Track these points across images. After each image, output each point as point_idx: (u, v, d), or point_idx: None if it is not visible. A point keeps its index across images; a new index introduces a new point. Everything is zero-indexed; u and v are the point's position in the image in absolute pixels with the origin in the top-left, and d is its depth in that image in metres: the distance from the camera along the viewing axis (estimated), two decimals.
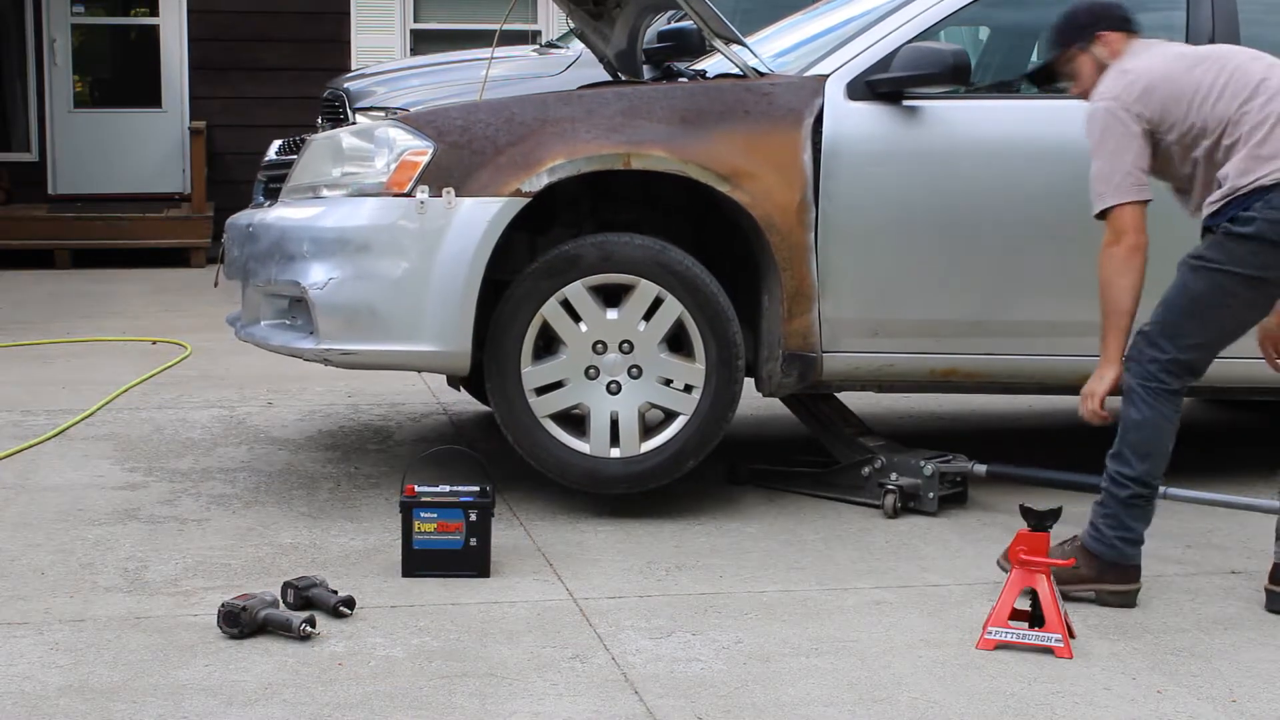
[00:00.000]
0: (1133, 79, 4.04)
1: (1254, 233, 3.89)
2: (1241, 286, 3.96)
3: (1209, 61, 4.05)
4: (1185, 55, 4.11)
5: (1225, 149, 3.96)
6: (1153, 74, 4.03)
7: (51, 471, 5.28)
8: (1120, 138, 4.01)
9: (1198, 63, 4.05)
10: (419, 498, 4.18)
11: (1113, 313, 4.02)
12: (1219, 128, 3.97)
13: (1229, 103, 3.96)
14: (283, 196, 5.05)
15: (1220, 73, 4.00)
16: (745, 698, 3.40)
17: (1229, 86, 3.98)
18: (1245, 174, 3.90)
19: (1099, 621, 3.94)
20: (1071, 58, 4.26)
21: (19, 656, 3.56)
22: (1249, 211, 3.89)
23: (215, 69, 12.51)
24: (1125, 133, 4.01)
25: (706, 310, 4.69)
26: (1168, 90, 4.00)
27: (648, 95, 4.84)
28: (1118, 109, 4.02)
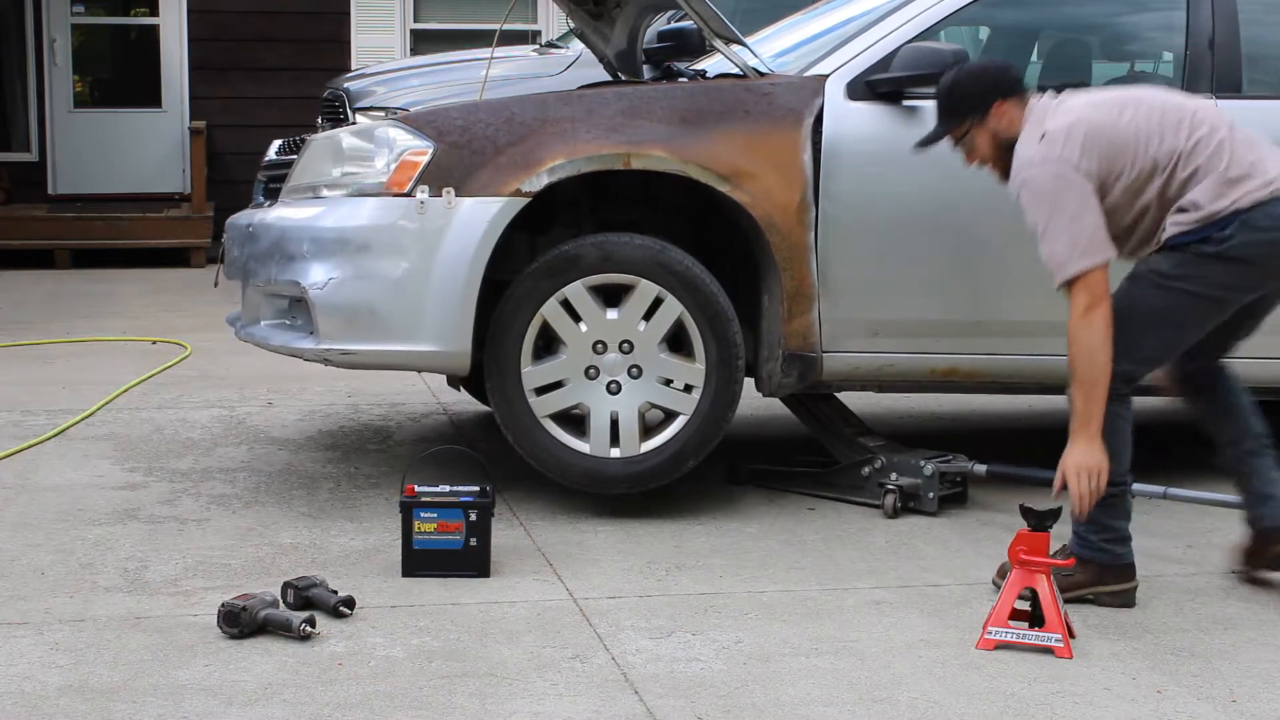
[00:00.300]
0: (1068, 137, 3.88)
1: (1232, 253, 3.87)
2: (1205, 305, 3.96)
3: (1132, 105, 3.96)
4: (1106, 103, 3.98)
5: (1182, 181, 3.90)
6: (1087, 128, 3.90)
7: (51, 471, 5.28)
8: (1079, 199, 3.85)
9: (1123, 108, 3.95)
10: (419, 498, 4.18)
11: (1099, 381, 3.85)
12: (1170, 163, 3.90)
13: (1175, 137, 3.90)
14: (283, 196, 5.05)
15: (1150, 112, 3.95)
16: (745, 698, 3.40)
17: (1165, 123, 3.93)
18: (1220, 198, 3.87)
19: (1099, 621, 3.94)
20: (966, 131, 4.14)
21: (19, 656, 3.56)
22: (1225, 231, 3.87)
23: (215, 69, 12.51)
24: (1081, 192, 3.86)
25: (706, 310, 4.69)
26: (1108, 140, 3.90)
27: (648, 95, 4.84)
28: (1066, 170, 3.86)
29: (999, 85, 4.08)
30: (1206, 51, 5.09)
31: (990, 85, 4.09)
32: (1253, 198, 3.86)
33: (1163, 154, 3.91)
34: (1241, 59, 5.10)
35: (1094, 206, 3.86)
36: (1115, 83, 5.62)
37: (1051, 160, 3.88)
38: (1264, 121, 5.03)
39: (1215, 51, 5.09)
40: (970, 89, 4.11)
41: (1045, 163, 3.89)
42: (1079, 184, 3.86)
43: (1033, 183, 3.90)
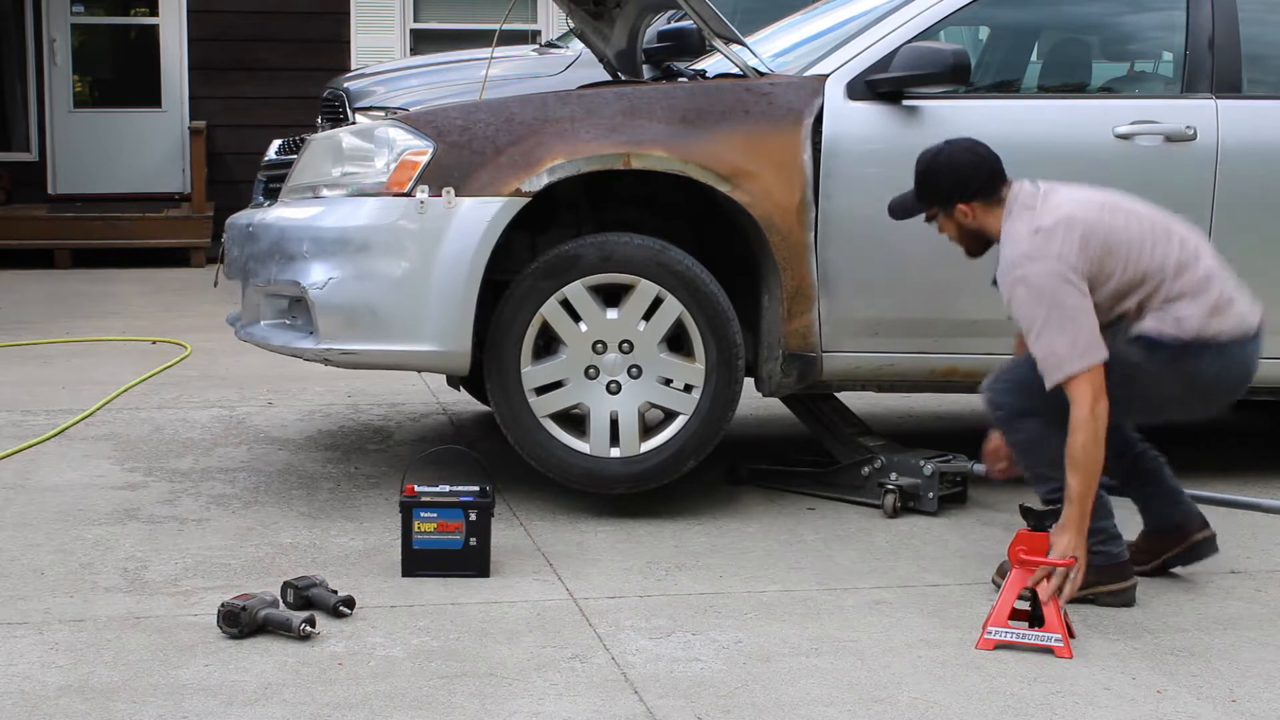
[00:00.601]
0: (1066, 235, 3.90)
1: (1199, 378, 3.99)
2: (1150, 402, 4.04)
3: (1122, 211, 4.01)
4: (1097, 204, 4.00)
5: (1167, 297, 3.96)
6: (1084, 228, 3.92)
7: (51, 471, 5.28)
8: (1076, 298, 3.88)
9: (1114, 211, 3.99)
10: (419, 498, 4.18)
11: (1097, 472, 3.88)
12: (1159, 276, 3.96)
13: (1166, 251, 3.96)
14: (283, 196, 5.04)
15: (1140, 220, 4.00)
16: (745, 698, 3.40)
17: (1156, 234, 3.99)
18: (1207, 327, 3.95)
19: (1099, 621, 3.94)
20: (933, 214, 4.23)
21: (19, 656, 3.56)
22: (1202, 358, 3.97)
23: (215, 69, 12.51)
24: (1077, 292, 3.88)
25: (706, 310, 4.69)
26: (1103, 242, 3.93)
27: (648, 95, 4.84)
28: (1065, 270, 3.87)
29: (967, 186, 4.11)
30: (1206, 51, 5.10)
31: (959, 184, 4.12)
32: (1230, 335, 3.97)
33: (1154, 266, 3.96)
34: (1241, 59, 5.11)
35: (1089, 306, 3.89)
36: (1115, 82, 5.64)
37: (1050, 258, 3.89)
38: (1264, 121, 5.06)
39: (1215, 51, 5.09)
40: (939, 183, 4.16)
41: (1044, 259, 3.89)
42: (1076, 283, 3.88)
43: (1030, 280, 3.90)
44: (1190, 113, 5.01)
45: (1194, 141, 4.97)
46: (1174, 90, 5.18)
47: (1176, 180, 4.97)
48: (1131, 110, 5.02)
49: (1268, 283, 5.07)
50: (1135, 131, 4.95)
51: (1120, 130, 4.94)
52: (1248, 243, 5.02)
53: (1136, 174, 4.94)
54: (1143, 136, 4.95)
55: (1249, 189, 5.00)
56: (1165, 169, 4.96)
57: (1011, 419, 4.08)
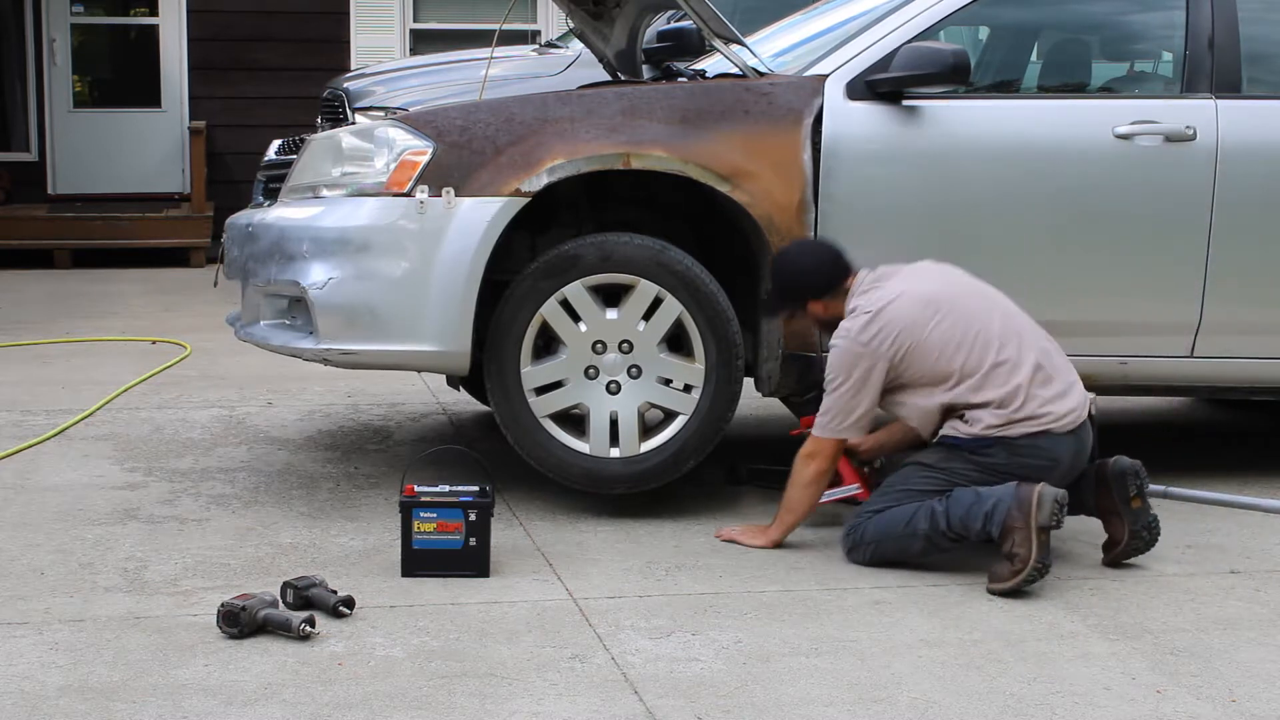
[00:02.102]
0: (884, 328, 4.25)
1: (991, 462, 4.24)
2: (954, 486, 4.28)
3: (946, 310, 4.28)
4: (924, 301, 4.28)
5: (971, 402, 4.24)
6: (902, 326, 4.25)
7: (51, 471, 5.28)
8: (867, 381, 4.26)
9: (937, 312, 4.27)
10: (419, 497, 4.18)
11: (797, 511, 4.45)
12: (962, 380, 4.25)
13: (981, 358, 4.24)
14: (282, 196, 5.04)
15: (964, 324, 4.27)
16: (745, 698, 3.40)
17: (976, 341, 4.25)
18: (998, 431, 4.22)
19: (1099, 621, 3.94)
20: (790, 314, 4.62)
21: (19, 656, 3.56)
22: (990, 450, 4.24)
23: (215, 69, 12.51)
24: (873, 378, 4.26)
25: (706, 310, 4.69)
26: (915, 343, 4.25)
27: (648, 95, 4.84)
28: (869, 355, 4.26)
29: (813, 287, 4.44)
30: (1206, 51, 5.10)
31: (806, 288, 4.45)
32: (1024, 429, 4.23)
33: (967, 369, 4.25)
34: (1241, 59, 5.11)
35: (873, 394, 4.29)
36: (1115, 82, 5.64)
37: (862, 343, 4.26)
38: (1264, 121, 5.06)
39: (1215, 51, 5.09)
40: (788, 288, 4.50)
41: (858, 341, 4.27)
42: (876, 371, 4.26)
43: (840, 350, 4.30)
44: (1190, 113, 5.01)
45: (1194, 141, 4.97)
46: (1174, 90, 5.18)
47: (1176, 180, 4.97)
48: (1131, 110, 5.02)
49: (1268, 282, 5.09)
50: (1135, 131, 4.95)
51: (1120, 130, 4.94)
52: (1248, 243, 5.03)
53: (1136, 174, 4.95)
54: (1142, 136, 4.95)
55: (1249, 189, 5.00)
56: (1165, 169, 4.96)
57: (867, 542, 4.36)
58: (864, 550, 4.33)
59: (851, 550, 4.37)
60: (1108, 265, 4.95)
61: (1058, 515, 4.07)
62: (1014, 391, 4.23)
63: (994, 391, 4.23)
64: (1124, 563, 4.37)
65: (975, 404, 4.24)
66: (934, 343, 4.25)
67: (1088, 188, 4.92)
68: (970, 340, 4.26)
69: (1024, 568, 4.06)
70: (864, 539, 4.32)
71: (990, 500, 4.15)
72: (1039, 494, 4.07)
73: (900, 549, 4.29)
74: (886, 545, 4.30)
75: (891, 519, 4.29)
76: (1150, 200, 4.97)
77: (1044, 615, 3.98)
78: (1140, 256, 4.98)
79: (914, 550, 4.28)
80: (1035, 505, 4.06)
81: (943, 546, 4.27)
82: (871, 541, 4.31)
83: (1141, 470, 4.33)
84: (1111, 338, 5.00)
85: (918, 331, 4.25)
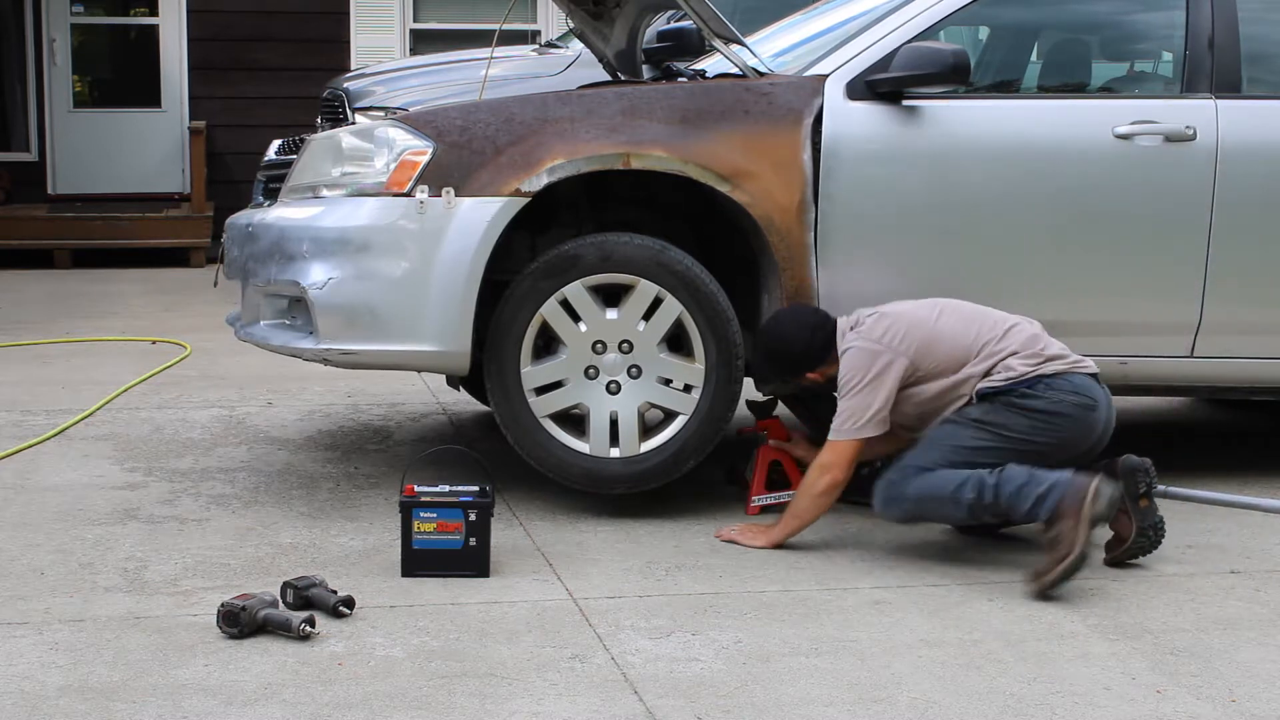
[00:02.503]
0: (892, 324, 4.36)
1: (1036, 406, 4.27)
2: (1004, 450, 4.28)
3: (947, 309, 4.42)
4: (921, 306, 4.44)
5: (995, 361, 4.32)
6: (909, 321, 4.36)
7: (51, 471, 5.28)
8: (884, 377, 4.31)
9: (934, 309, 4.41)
10: (419, 497, 4.18)
11: (804, 518, 4.43)
12: (983, 346, 4.35)
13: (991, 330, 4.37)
14: (282, 196, 5.04)
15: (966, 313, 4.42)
16: (745, 698, 3.40)
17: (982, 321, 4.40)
18: (1028, 369, 4.30)
19: (1099, 621, 3.94)
20: (785, 383, 4.73)
21: (19, 656, 3.56)
22: (1032, 390, 4.28)
23: (215, 69, 12.51)
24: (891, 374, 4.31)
25: (706, 310, 4.69)
26: (925, 333, 4.35)
27: (648, 95, 4.84)
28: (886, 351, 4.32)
29: (808, 359, 4.52)
30: (1206, 51, 5.10)
31: (800, 361, 4.54)
32: (1055, 368, 4.33)
33: (982, 336, 4.36)
34: (1241, 59, 5.11)
35: (888, 392, 4.30)
36: (1115, 82, 5.64)
37: (875, 338, 4.35)
38: (1264, 121, 5.06)
39: (1215, 51, 5.09)
40: (783, 363, 4.59)
41: (871, 339, 4.35)
42: (894, 368, 4.31)
43: (856, 350, 4.35)
44: (1190, 113, 5.01)
45: (1194, 141, 4.97)
46: (1174, 90, 5.18)
47: (1176, 180, 4.97)
48: (1131, 110, 5.02)
49: (1268, 282, 5.09)
50: (1135, 131, 4.95)
51: (1120, 130, 4.94)
52: (1248, 243, 5.03)
53: (1136, 174, 4.95)
54: (1142, 136, 4.95)
55: (1249, 189, 5.00)
56: (1165, 169, 4.96)
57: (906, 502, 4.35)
58: (901, 506, 4.30)
59: (887, 504, 4.33)
60: (1108, 265, 4.95)
61: (1111, 511, 4.11)
62: (1034, 337, 4.37)
63: (1015, 342, 4.34)
64: (1126, 563, 4.36)
65: (1003, 355, 4.31)
66: (944, 331, 4.35)
67: (1088, 188, 4.92)
68: (978, 318, 4.41)
69: (1069, 554, 4.04)
70: (904, 495, 4.29)
71: (1045, 483, 4.15)
72: (1096, 486, 4.08)
73: (939, 512, 4.30)
74: (927, 505, 4.28)
75: (939, 481, 4.26)
76: (1150, 200, 4.97)
77: (1044, 615, 3.98)
78: (1140, 256, 4.98)
79: (953, 517, 4.30)
80: (1091, 496, 4.07)
81: (982, 520, 4.28)
82: (912, 499, 4.28)
83: (1151, 469, 4.35)
84: (1111, 338, 5.00)
85: (925, 325, 4.35)
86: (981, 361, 4.33)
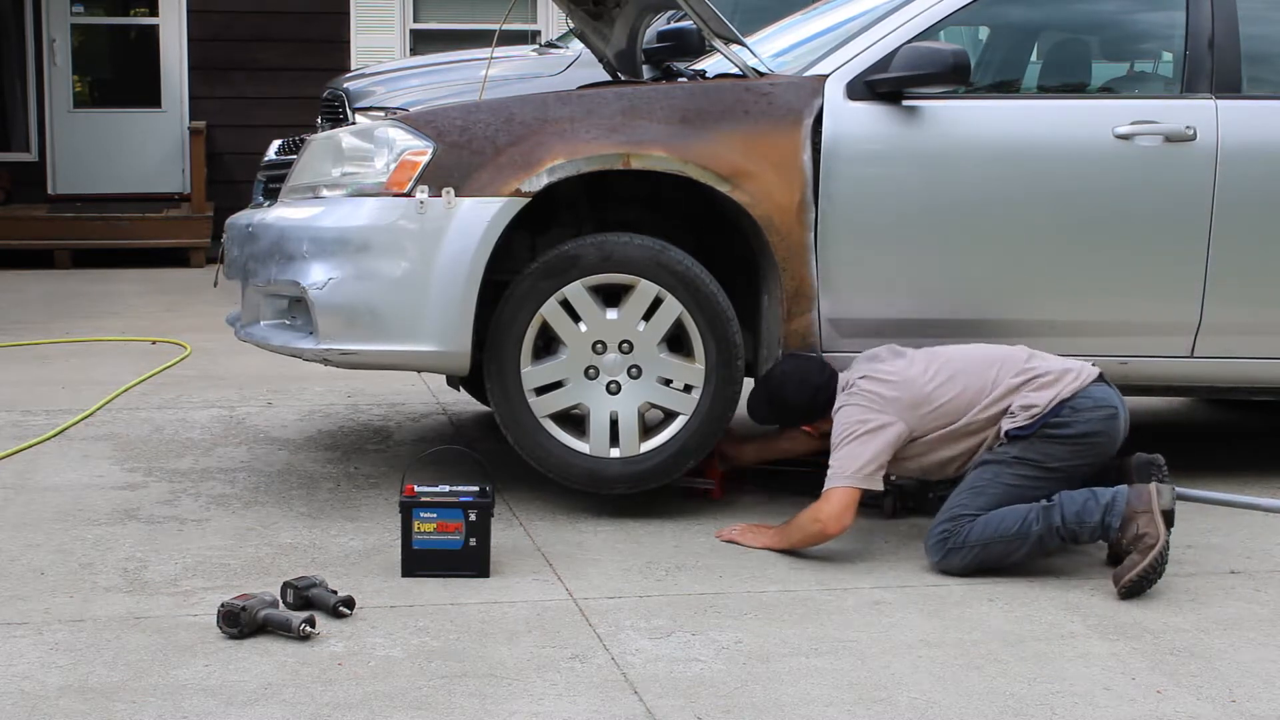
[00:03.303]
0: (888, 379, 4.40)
1: (1071, 433, 4.29)
2: (1051, 475, 4.30)
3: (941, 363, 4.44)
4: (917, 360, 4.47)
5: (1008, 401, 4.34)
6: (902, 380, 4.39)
7: (51, 471, 5.28)
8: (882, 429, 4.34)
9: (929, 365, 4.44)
10: (419, 498, 4.17)
11: (799, 540, 4.41)
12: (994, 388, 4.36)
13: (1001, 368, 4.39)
14: (282, 196, 5.04)
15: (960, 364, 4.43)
16: (745, 698, 3.40)
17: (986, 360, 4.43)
18: (1042, 399, 4.31)
19: (1099, 622, 3.94)
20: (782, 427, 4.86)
21: (19, 656, 3.56)
22: (1059, 417, 4.29)
23: (215, 69, 12.51)
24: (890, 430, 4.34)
25: (706, 310, 4.69)
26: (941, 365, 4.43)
27: (648, 95, 4.84)
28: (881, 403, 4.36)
29: (810, 413, 4.62)
30: (1206, 51, 5.10)
31: (802, 414, 4.65)
32: (1072, 388, 4.33)
33: (980, 394, 4.36)
34: (1241, 59, 5.11)
35: (883, 446, 4.32)
36: (1115, 82, 5.64)
37: (868, 389, 4.38)
38: (1264, 121, 5.06)
39: (1215, 51, 5.09)
40: (785, 413, 4.69)
41: (863, 392, 4.39)
42: (889, 430, 4.32)
43: (848, 406, 4.40)
44: (1190, 113, 5.01)
45: (1194, 142, 4.97)
46: (1174, 90, 5.18)
47: (1176, 180, 4.97)
48: (1131, 110, 5.02)
49: (1268, 282, 5.09)
50: (1135, 132, 4.95)
51: (1120, 130, 4.94)
52: (1248, 243, 5.02)
53: (1136, 174, 4.95)
54: (1142, 137, 4.95)
55: (1249, 189, 5.00)
56: (1165, 169, 4.96)
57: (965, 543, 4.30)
58: (966, 553, 4.24)
59: (948, 555, 4.26)
60: (1108, 265, 4.95)
61: (1174, 505, 4.16)
62: (1032, 367, 4.39)
63: (1020, 378, 4.37)
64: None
65: (1014, 390, 4.35)
66: (939, 391, 4.36)
67: (1088, 188, 4.92)
68: (970, 367, 4.41)
69: (1156, 543, 4.07)
70: (967, 542, 4.24)
71: (1108, 495, 4.20)
72: (1156, 485, 4.18)
73: (1005, 552, 4.24)
74: (993, 549, 4.24)
75: (1001, 521, 4.24)
76: (1150, 200, 4.97)
77: (1044, 615, 3.98)
78: (1140, 256, 4.98)
79: (1020, 554, 4.25)
80: (1156, 492, 4.15)
81: (1051, 548, 4.27)
82: (977, 544, 4.23)
83: (1162, 464, 4.43)
84: (1111, 338, 5.00)
85: (916, 385, 4.37)
86: (987, 409, 4.35)
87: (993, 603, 4.06)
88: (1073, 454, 4.30)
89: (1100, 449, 4.33)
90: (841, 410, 4.41)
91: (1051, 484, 4.29)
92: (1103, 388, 4.39)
